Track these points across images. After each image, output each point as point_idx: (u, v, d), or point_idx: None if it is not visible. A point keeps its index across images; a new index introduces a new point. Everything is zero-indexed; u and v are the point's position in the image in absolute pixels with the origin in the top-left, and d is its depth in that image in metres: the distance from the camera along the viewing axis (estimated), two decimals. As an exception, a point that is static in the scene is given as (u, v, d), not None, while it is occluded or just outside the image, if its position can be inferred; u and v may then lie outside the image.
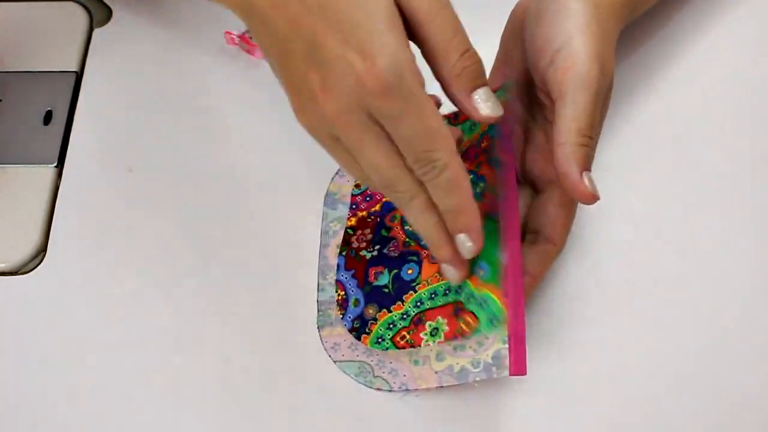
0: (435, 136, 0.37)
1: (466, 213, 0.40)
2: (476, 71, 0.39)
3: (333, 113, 0.38)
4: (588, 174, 0.42)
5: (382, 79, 0.36)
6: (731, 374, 0.47)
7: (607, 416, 0.46)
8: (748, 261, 0.50)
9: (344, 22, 0.36)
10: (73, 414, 0.47)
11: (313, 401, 0.47)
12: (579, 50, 0.42)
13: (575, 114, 0.41)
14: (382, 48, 0.36)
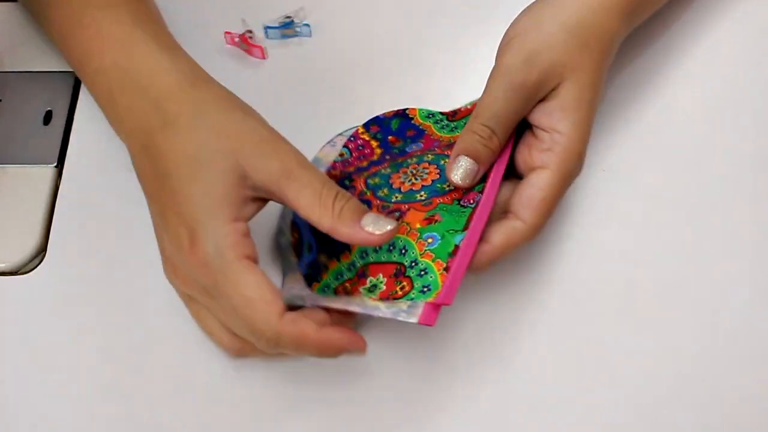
0: (253, 308, 0.39)
1: (327, 348, 0.41)
2: (353, 206, 0.41)
3: (173, 274, 0.43)
4: None
5: (198, 262, 0.40)
6: (731, 375, 0.47)
7: (607, 416, 0.46)
8: (748, 261, 0.50)
9: (183, 202, 0.41)
10: (73, 414, 0.47)
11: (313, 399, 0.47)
12: (564, 138, 0.44)
13: (539, 195, 0.44)
14: (202, 236, 0.40)
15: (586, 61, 0.45)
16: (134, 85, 0.45)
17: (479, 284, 0.49)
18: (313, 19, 0.58)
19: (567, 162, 0.44)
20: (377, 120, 0.53)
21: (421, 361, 0.48)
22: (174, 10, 0.59)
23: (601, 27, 0.46)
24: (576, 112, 0.44)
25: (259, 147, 0.42)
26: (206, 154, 0.41)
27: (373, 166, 0.51)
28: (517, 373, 0.47)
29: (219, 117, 0.43)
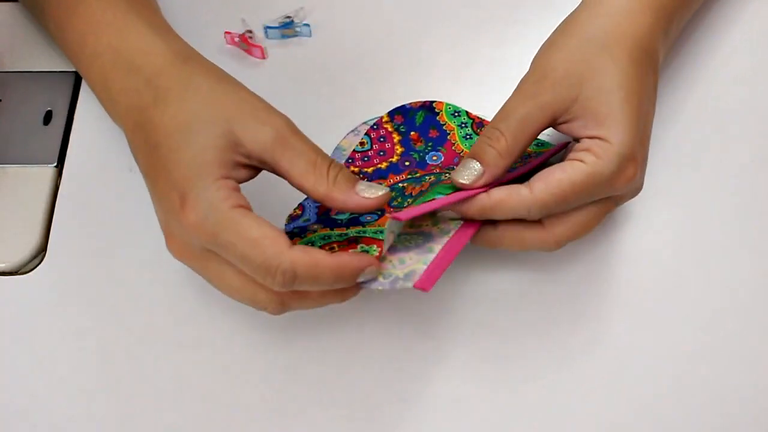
0: (259, 250, 0.39)
1: (344, 270, 0.40)
2: (347, 174, 0.42)
3: (174, 248, 0.43)
4: None
5: (192, 221, 0.40)
6: (731, 375, 0.47)
7: (607, 416, 0.46)
8: (748, 261, 0.50)
9: (173, 167, 0.41)
10: (73, 414, 0.47)
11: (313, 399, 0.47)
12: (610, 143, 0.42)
13: (558, 174, 0.42)
14: (193, 193, 0.40)
15: (607, 64, 0.43)
16: (128, 65, 0.46)
17: (479, 284, 0.49)
18: (313, 19, 0.58)
19: (605, 162, 0.42)
20: (403, 109, 0.53)
21: (421, 361, 0.48)
22: (174, 10, 0.59)
23: (621, 29, 0.45)
24: (610, 117, 0.43)
25: (253, 115, 0.42)
26: (198, 122, 0.42)
27: (391, 174, 0.51)
28: (517, 373, 0.47)
29: (211, 88, 0.43)
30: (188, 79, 0.44)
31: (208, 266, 0.42)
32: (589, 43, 0.44)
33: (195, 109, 0.42)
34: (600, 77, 0.43)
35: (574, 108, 0.43)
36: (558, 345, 0.48)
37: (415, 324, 0.49)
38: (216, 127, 0.41)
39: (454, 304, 0.49)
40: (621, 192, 0.44)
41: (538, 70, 0.45)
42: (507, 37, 0.57)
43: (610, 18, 0.45)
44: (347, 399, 0.47)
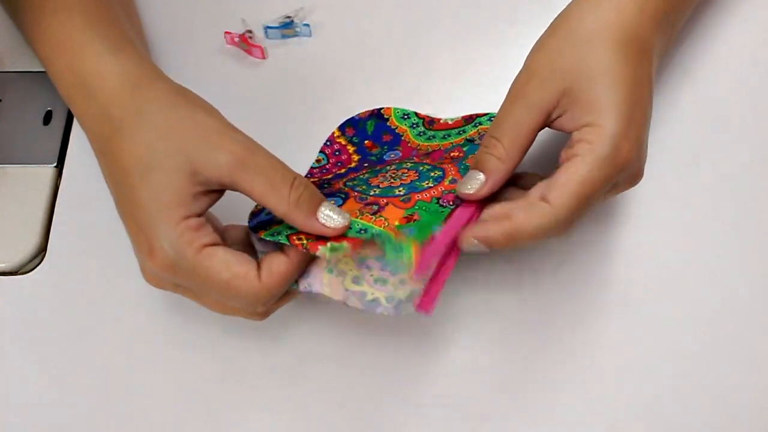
0: (233, 291, 0.41)
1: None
2: (311, 194, 0.42)
3: (150, 280, 0.44)
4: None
5: (162, 266, 0.41)
6: (731, 375, 0.47)
7: (607, 416, 0.46)
8: (748, 261, 0.50)
9: (136, 210, 0.42)
10: (73, 414, 0.47)
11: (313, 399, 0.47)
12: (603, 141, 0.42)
13: (566, 176, 0.42)
14: (157, 242, 0.41)
15: (591, 55, 0.44)
16: (85, 90, 0.46)
17: (479, 283, 0.49)
18: (313, 19, 0.58)
19: (599, 145, 0.41)
20: (352, 122, 0.53)
21: (421, 360, 0.48)
22: (175, 11, 0.59)
23: (604, 21, 0.45)
24: (596, 102, 0.43)
25: (207, 140, 0.42)
26: (154, 156, 0.42)
27: (351, 172, 0.50)
28: (518, 373, 0.47)
29: (162, 116, 0.43)
30: (139, 107, 0.43)
31: (187, 295, 0.44)
32: (572, 38, 0.45)
33: (149, 141, 0.42)
34: (585, 68, 0.43)
35: (563, 102, 0.43)
36: (558, 345, 0.48)
37: (415, 324, 0.49)
38: (172, 159, 0.41)
39: (455, 306, 0.49)
40: (624, 173, 0.43)
41: (526, 72, 0.45)
42: (507, 37, 0.57)
43: (593, 12, 0.45)
44: (347, 399, 0.47)
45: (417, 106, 0.55)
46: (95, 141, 0.45)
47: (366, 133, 0.52)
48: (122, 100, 0.44)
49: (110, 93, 0.44)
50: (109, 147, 0.43)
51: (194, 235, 0.41)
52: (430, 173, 0.47)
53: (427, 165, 0.48)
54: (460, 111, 0.54)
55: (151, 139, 0.42)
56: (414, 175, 0.47)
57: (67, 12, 0.48)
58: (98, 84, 0.45)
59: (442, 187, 0.45)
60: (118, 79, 0.45)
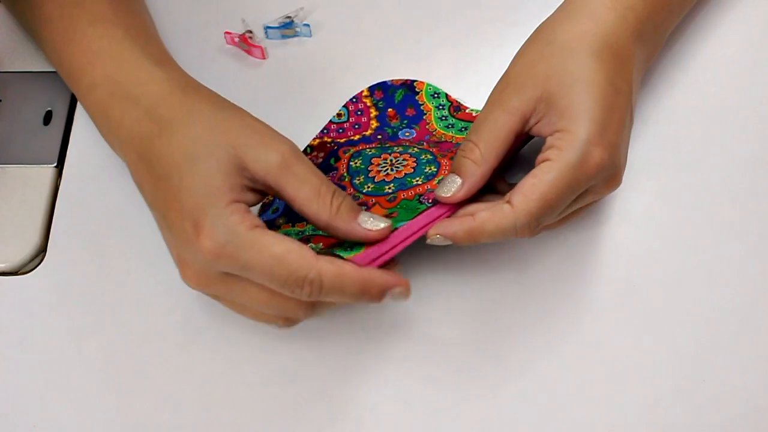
0: (285, 264, 0.39)
1: (371, 286, 0.41)
2: (349, 204, 0.42)
3: (190, 277, 0.43)
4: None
5: (210, 247, 0.40)
6: (733, 375, 0.47)
7: (607, 416, 0.46)
8: (748, 261, 0.50)
9: (183, 196, 0.41)
10: (73, 414, 0.47)
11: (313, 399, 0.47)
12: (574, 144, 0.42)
13: (531, 180, 0.42)
14: (208, 221, 0.40)
15: (568, 61, 0.44)
16: (126, 96, 0.46)
17: (478, 283, 0.49)
18: (313, 19, 0.58)
19: (568, 152, 0.42)
20: (383, 86, 0.54)
21: (420, 360, 0.48)
22: (174, 11, 0.59)
23: (582, 29, 0.45)
24: (570, 108, 0.43)
25: (257, 139, 0.42)
26: (202, 148, 0.42)
27: (362, 143, 0.51)
28: (517, 373, 0.47)
29: (213, 114, 0.44)
30: (190, 107, 0.44)
31: (231, 289, 0.42)
32: (552, 46, 0.45)
33: (199, 136, 0.42)
34: (561, 75, 0.44)
35: (540, 107, 0.44)
36: (558, 345, 0.48)
37: (415, 324, 0.49)
38: (221, 152, 0.41)
39: (454, 304, 0.49)
40: (593, 180, 0.43)
41: (505, 79, 0.46)
42: (507, 38, 0.57)
43: (571, 22, 0.46)
44: (347, 399, 0.47)
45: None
46: (132, 144, 0.45)
47: (393, 101, 0.53)
48: (170, 101, 0.45)
49: (157, 96, 0.45)
50: (151, 146, 0.43)
51: (245, 215, 0.41)
52: (425, 168, 0.48)
53: (429, 155, 0.48)
54: (460, 111, 0.54)
55: (202, 134, 0.42)
56: (411, 165, 0.48)
57: (105, 24, 0.48)
58: (141, 89, 0.46)
59: (429, 185, 0.46)
60: (165, 83, 0.46)
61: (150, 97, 0.45)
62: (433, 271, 0.50)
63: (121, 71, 0.47)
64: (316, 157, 0.52)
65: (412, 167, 0.48)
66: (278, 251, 0.40)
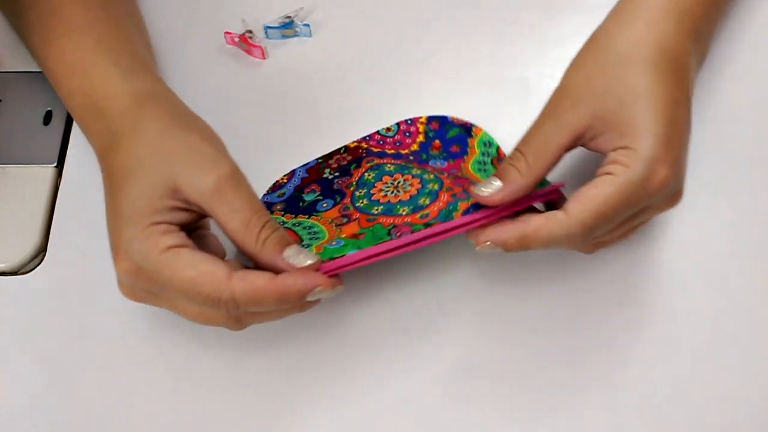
0: (197, 289, 0.40)
1: (287, 294, 0.40)
2: (277, 237, 0.42)
3: (125, 293, 0.44)
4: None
5: (127, 269, 0.41)
6: (732, 375, 0.47)
7: (607, 417, 0.46)
8: (748, 261, 0.50)
9: (111, 216, 0.43)
10: (73, 414, 0.47)
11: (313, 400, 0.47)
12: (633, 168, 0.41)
13: (590, 190, 0.41)
14: (123, 244, 0.41)
15: (627, 75, 0.43)
16: (94, 109, 0.47)
17: (478, 282, 0.49)
18: (313, 19, 0.58)
19: (633, 169, 0.41)
20: (443, 119, 0.53)
21: (420, 360, 0.48)
22: (175, 10, 0.59)
23: (640, 38, 0.44)
24: (632, 125, 0.42)
25: (195, 163, 0.42)
26: (139, 168, 0.42)
27: (389, 158, 0.52)
28: (518, 373, 0.47)
29: (158, 134, 0.44)
30: (140, 123, 0.44)
31: (160, 303, 0.43)
32: (608, 56, 0.44)
33: (140, 156, 0.43)
34: (620, 88, 0.43)
35: (597, 124, 0.43)
36: (558, 345, 0.48)
37: (415, 324, 0.49)
38: (156, 174, 0.42)
39: (454, 302, 0.49)
40: (655, 198, 0.42)
41: (560, 91, 0.45)
42: (507, 37, 0.57)
43: (629, 29, 0.45)
44: (347, 399, 0.47)
45: (417, 105, 0.55)
46: (99, 156, 0.46)
47: (444, 135, 0.53)
48: (125, 116, 0.45)
49: (117, 110, 0.46)
50: (106, 159, 0.45)
51: (160, 238, 0.41)
52: (419, 199, 0.47)
53: (435, 186, 0.48)
54: (459, 111, 0.54)
55: (143, 154, 0.43)
56: (412, 192, 0.48)
57: (78, 34, 0.49)
58: (107, 104, 0.46)
59: (409, 219, 0.46)
60: (126, 99, 0.46)
61: (112, 111, 0.46)
62: (434, 272, 0.50)
63: (91, 85, 0.47)
64: (344, 159, 0.52)
65: (410, 195, 0.48)
66: (190, 275, 0.40)
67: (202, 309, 0.42)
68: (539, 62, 0.56)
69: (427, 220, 0.45)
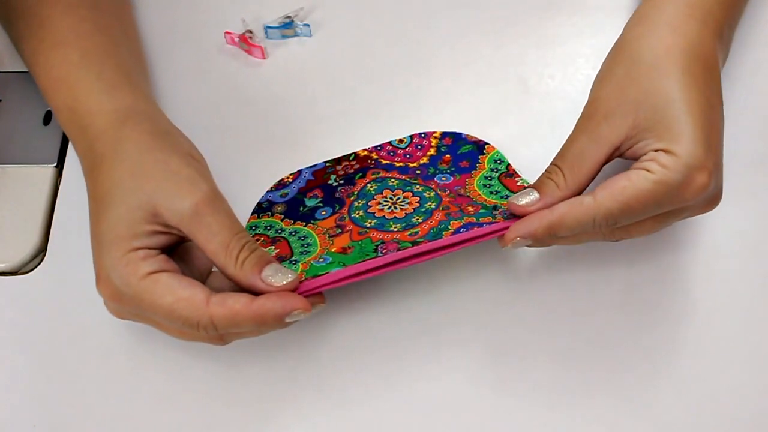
0: (176, 315, 0.40)
1: (265, 318, 0.41)
2: (256, 257, 0.42)
3: (111, 312, 0.44)
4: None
5: (108, 294, 0.42)
6: (732, 376, 0.47)
7: (607, 417, 0.46)
8: (748, 261, 0.50)
9: (94, 240, 0.43)
10: (73, 414, 0.47)
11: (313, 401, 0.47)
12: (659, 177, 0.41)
13: (623, 182, 0.41)
14: (104, 270, 0.42)
15: (659, 82, 0.42)
16: (78, 126, 0.47)
17: (478, 283, 0.49)
18: (313, 19, 0.58)
19: (671, 172, 0.40)
20: (457, 136, 0.53)
21: (420, 359, 0.48)
22: (175, 10, 0.59)
23: (667, 44, 0.44)
24: (671, 131, 0.41)
25: (174, 187, 0.42)
26: (119, 192, 0.42)
27: (396, 170, 0.52)
28: (518, 373, 0.47)
29: (138, 156, 0.44)
30: (119, 145, 0.44)
31: (144, 322, 0.44)
32: (637, 65, 0.44)
33: (118, 180, 0.43)
34: (653, 97, 0.42)
35: (633, 134, 0.42)
36: (558, 345, 0.48)
37: (415, 324, 0.49)
38: (135, 199, 0.42)
39: (454, 302, 0.49)
40: (691, 202, 0.42)
41: (592, 104, 0.44)
42: (507, 37, 0.57)
43: (654, 35, 0.44)
44: (346, 398, 0.47)
45: (417, 105, 0.55)
46: (84, 174, 0.46)
47: (456, 150, 0.53)
48: (106, 136, 0.45)
49: (98, 129, 0.45)
50: (89, 179, 0.45)
51: (140, 264, 0.41)
52: (413, 218, 0.47)
53: (432, 204, 0.48)
54: (459, 111, 0.54)
55: (122, 177, 0.43)
56: (409, 209, 0.48)
57: (64, 48, 0.48)
58: (89, 122, 0.46)
59: (398, 236, 0.46)
60: (107, 117, 0.46)
61: (93, 129, 0.46)
62: (435, 272, 0.50)
63: (75, 100, 0.47)
64: (351, 167, 0.52)
65: (405, 212, 0.48)
66: (168, 301, 0.40)
67: (184, 331, 0.42)
68: (539, 62, 0.56)
69: (416, 238, 0.45)
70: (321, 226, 0.49)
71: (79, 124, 0.46)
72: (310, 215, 0.50)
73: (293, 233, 0.49)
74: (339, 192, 0.51)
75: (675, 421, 0.46)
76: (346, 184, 0.51)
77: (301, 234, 0.49)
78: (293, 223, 0.50)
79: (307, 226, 0.49)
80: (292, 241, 0.48)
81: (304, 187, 0.52)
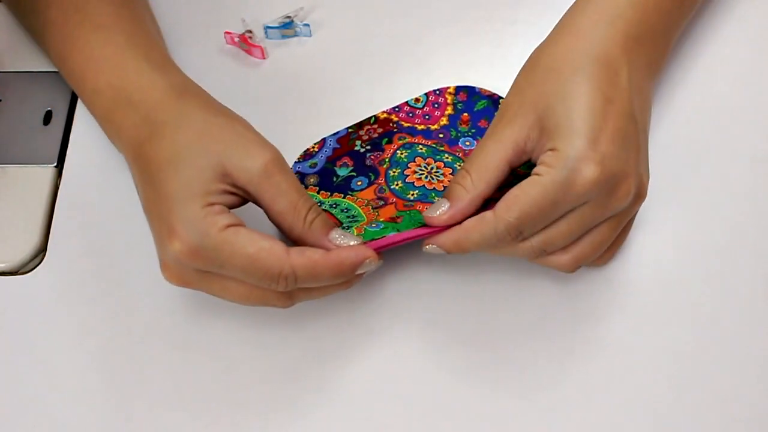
0: (258, 264, 0.41)
1: (343, 266, 0.42)
2: (323, 220, 0.44)
3: (171, 276, 0.44)
4: None
5: (184, 249, 0.42)
6: (732, 376, 0.47)
7: (607, 417, 0.46)
8: (748, 262, 0.50)
9: (162, 202, 0.43)
10: (73, 414, 0.47)
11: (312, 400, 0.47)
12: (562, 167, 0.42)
13: (514, 191, 0.43)
14: (181, 224, 0.41)
15: (554, 84, 0.44)
16: (127, 102, 0.47)
17: (477, 283, 0.49)
18: (313, 19, 0.59)
19: (556, 170, 0.42)
20: (470, 90, 0.54)
21: (420, 359, 0.48)
22: (174, 10, 0.59)
23: (567, 48, 0.45)
24: (558, 128, 0.43)
25: (242, 147, 0.43)
26: (187, 154, 0.43)
27: (420, 136, 0.52)
28: (518, 373, 0.47)
29: (202, 121, 0.45)
30: (183, 112, 0.45)
31: (210, 285, 0.44)
32: (535, 69, 0.46)
33: (186, 142, 0.43)
34: (547, 97, 0.44)
35: (533, 134, 0.44)
36: (558, 345, 0.48)
37: (415, 324, 0.49)
38: (205, 159, 0.43)
39: (454, 302, 0.49)
40: (587, 196, 0.42)
41: (500, 110, 0.46)
42: (507, 37, 0.57)
43: (557, 41, 0.46)
44: (345, 398, 0.47)
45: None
46: (131, 148, 0.46)
47: (472, 107, 0.53)
48: (166, 105, 0.46)
49: (154, 101, 0.46)
50: (144, 150, 0.45)
51: (218, 217, 0.42)
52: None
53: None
54: (460, 111, 0.54)
55: (190, 139, 0.44)
56: (446, 181, 0.49)
57: (106, 31, 0.49)
58: (141, 96, 0.47)
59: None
60: (163, 90, 0.47)
61: (148, 102, 0.46)
62: (435, 272, 0.50)
63: (123, 79, 0.48)
64: (374, 131, 0.53)
65: (443, 185, 0.49)
66: (251, 251, 0.41)
67: (254, 289, 0.43)
68: (539, 62, 0.56)
69: None
70: (361, 197, 0.49)
71: (129, 100, 0.47)
72: (345, 186, 0.50)
73: (334, 205, 0.49)
74: (369, 159, 0.51)
75: (675, 421, 0.46)
76: (374, 150, 0.52)
77: (343, 206, 0.49)
78: (330, 195, 0.50)
79: (346, 197, 0.50)
80: (336, 213, 0.48)
81: (331, 156, 0.52)
